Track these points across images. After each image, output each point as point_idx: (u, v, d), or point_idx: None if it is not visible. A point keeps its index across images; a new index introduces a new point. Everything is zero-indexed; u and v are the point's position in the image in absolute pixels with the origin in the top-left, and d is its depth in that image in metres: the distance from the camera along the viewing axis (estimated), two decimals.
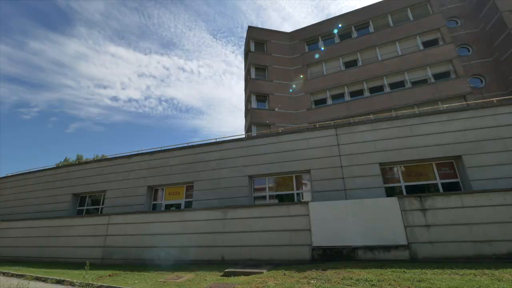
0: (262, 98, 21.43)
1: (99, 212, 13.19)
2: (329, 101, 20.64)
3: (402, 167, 9.79)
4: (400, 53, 19.81)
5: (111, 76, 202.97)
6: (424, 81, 18.58)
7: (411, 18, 20.57)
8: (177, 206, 11.89)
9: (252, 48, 23.16)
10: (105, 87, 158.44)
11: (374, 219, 7.56)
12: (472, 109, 9.38)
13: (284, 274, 6.45)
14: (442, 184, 9.10)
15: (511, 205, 6.94)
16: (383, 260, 7.03)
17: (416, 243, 7.12)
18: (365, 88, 19.82)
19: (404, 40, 20.11)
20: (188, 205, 11.55)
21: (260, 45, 23.66)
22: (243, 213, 8.94)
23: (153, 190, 12.64)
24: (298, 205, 8.42)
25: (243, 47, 26.83)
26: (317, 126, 12.37)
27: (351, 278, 5.64)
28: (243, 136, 13.56)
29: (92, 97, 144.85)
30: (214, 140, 12.38)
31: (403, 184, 9.47)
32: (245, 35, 24.79)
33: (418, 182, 9.46)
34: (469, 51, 20.40)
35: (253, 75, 21.91)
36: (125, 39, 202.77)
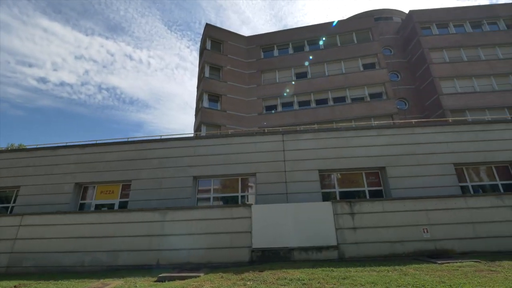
0: (214, 98, 21.16)
1: (8, 212, 11.13)
2: (279, 108, 21.53)
3: (338, 174, 10.73)
4: (344, 71, 21.89)
5: (41, 54, 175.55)
6: (361, 99, 20.86)
7: (355, 42, 22.97)
8: (110, 207, 10.79)
9: (208, 46, 22.77)
10: (30, 65, 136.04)
11: (310, 221, 8.09)
12: (395, 127, 10.88)
13: (222, 277, 6.40)
14: (369, 191, 10.28)
15: (419, 210, 8.21)
16: (315, 260, 7.55)
17: (344, 244, 7.86)
18: (312, 99, 21.28)
19: (348, 60, 22.31)
20: (123, 205, 10.60)
21: (217, 45, 23.41)
22: (184, 215, 8.60)
23: (82, 188, 11.24)
24: (241, 208, 8.49)
25: (199, 44, 26.16)
26: (266, 131, 12.76)
27: (285, 278, 5.90)
28: (192, 135, 13.13)
29: (13, 76, 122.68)
30: (159, 137, 11.68)
31: (337, 190, 10.37)
32: (202, 31, 24.21)
33: (350, 188, 10.49)
34: (398, 77, 23.69)
35: (207, 74, 21.50)
36: (62, 14, 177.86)
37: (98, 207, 10.83)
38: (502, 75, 20.85)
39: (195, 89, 24.25)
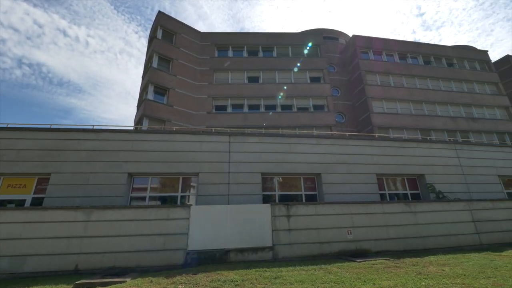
0: (161, 91, 19.94)
1: None
2: (229, 109, 21.51)
3: (280, 178, 11.21)
4: (293, 81, 23.13)
5: None
6: (306, 109, 22.34)
7: (305, 55, 24.53)
8: (20, 203, 9.14)
9: (159, 35, 21.41)
10: None
11: (249, 223, 8.23)
12: (332, 138, 11.94)
13: (151, 281, 6.00)
14: (305, 195, 11.01)
15: (345, 214, 9.12)
16: (251, 261, 7.70)
17: (279, 245, 8.21)
18: (261, 104, 21.88)
19: (298, 71, 23.67)
20: (38, 202, 9.09)
21: (169, 35, 22.19)
22: (114, 214, 7.81)
23: None
24: (179, 208, 8.13)
25: (149, 31, 24.37)
26: (213, 130, 12.58)
27: (218, 280, 5.84)
28: (131, 128, 12.13)
29: None
30: (91, 127, 10.43)
31: (277, 193, 10.83)
32: (154, 19, 22.62)
33: (289, 192, 11.07)
34: (338, 92, 26.12)
35: (155, 64, 20.16)
36: None
37: (3, 203, 9.06)
38: (418, 102, 24.88)
39: (140, 79, 22.48)
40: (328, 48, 27.55)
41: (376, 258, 7.72)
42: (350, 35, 28.83)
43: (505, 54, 36.66)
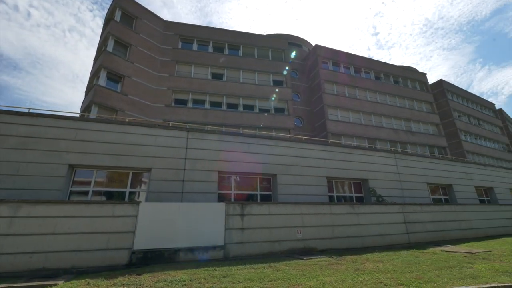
0: (115, 77, 18.41)
1: None
2: (190, 104, 20.84)
3: (237, 177, 11.24)
4: (256, 82, 23.41)
5: None
6: (267, 111, 22.80)
7: (270, 58, 25.03)
8: None
9: (118, 17, 19.75)
10: None
11: (202, 222, 8.08)
12: (290, 140, 12.39)
13: (88, 283, 5.50)
14: (261, 195, 11.23)
15: (296, 214, 9.55)
16: (201, 260, 7.57)
17: (230, 244, 8.23)
18: (224, 102, 21.68)
19: (262, 73, 24.03)
20: None
21: (129, 19, 20.62)
22: (48, 210, 6.96)
23: None
24: (126, 205, 7.60)
25: (106, 11, 22.23)
26: (171, 125, 12.06)
27: (165, 280, 5.62)
28: (77, 115, 11.02)
29: None
30: (27, 110, 9.16)
31: (233, 192, 10.84)
32: None
33: (245, 191, 11.18)
34: (298, 98, 27.23)
35: (110, 48, 18.53)
36: None
37: None
38: (368, 113, 27.24)
39: (92, 62, 20.48)
40: (292, 54, 28.54)
41: (321, 256, 8.24)
42: (313, 44, 30.31)
43: (439, 78, 42.39)
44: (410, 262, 7.16)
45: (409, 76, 32.87)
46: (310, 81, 27.94)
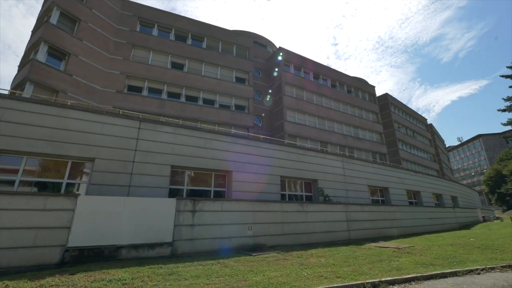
0: (58, 54, 16.29)
1: None
2: (145, 92, 19.55)
3: (192, 172, 10.93)
4: (219, 77, 23.02)
5: None
6: (228, 107, 22.63)
7: (234, 54, 24.83)
8: None
9: None
10: None
11: (150, 218, 7.68)
12: (248, 138, 12.50)
13: (6, 286, 4.80)
14: (215, 191, 11.12)
15: (249, 211, 9.70)
16: (146, 258, 7.20)
17: (179, 241, 7.98)
18: (183, 93, 20.84)
19: (225, 68, 23.70)
20: None
21: None
22: None
23: None
24: (62, 198, 6.82)
25: None
26: (121, 113, 11.17)
27: (103, 280, 5.21)
28: (6, 92, 9.51)
29: None
30: None
31: (186, 187, 10.52)
32: None
33: (199, 187, 10.94)
34: (259, 97, 27.60)
35: (54, 20, 16.32)
36: None
37: None
38: (322, 118, 28.95)
39: (30, 33, 17.81)
40: (256, 53, 28.76)
41: (270, 252, 8.52)
42: (277, 46, 30.99)
43: (385, 92, 47.20)
44: (348, 257, 7.84)
45: (360, 87, 35.81)
46: (272, 82, 28.53)
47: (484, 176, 67.80)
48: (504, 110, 29.33)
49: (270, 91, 27.97)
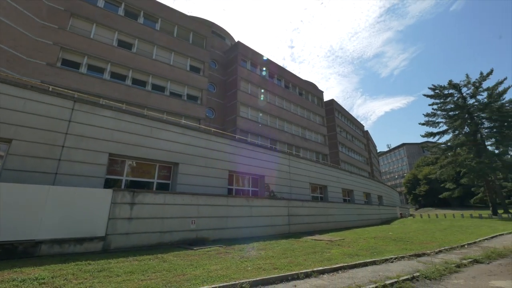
0: None
1: None
2: (84, 69, 17.32)
3: (133, 162, 10.17)
4: (171, 63, 21.76)
5: None
6: (179, 96, 21.61)
7: (191, 42, 23.76)
8: None
9: None
10: None
11: (79, 210, 6.91)
12: (198, 130, 12.17)
13: None
14: (158, 183, 10.57)
15: (193, 205, 9.51)
16: (72, 254, 6.48)
17: (113, 235, 7.39)
18: (129, 75, 19.11)
19: (179, 54, 22.50)
20: None
21: None
22: None
23: None
24: None
25: None
26: (51, 89, 9.73)
27: (14, 280, 4.54)
28: None
29: None
30: None
31: (125, 178, 9.76)
32: None
33: (141, 178, 10.26)
34: (214, 89, 27.08)
35: None
36: None
37: None
38: (274, 116, 29.91)
39: None
40: (214, 44, 28.04)
41: (212, 245, 8.51)
42: (236, 40, 30.72)
43: (331, 98, 51.26)
44: (287, 249, 8.34)
45: (311, 91, 38.04)
46: (228, 75, 28.24)
47: (404, 179, 79.66)
48: (423, 124, 34.50)
49: (224, 84, 27.65)
